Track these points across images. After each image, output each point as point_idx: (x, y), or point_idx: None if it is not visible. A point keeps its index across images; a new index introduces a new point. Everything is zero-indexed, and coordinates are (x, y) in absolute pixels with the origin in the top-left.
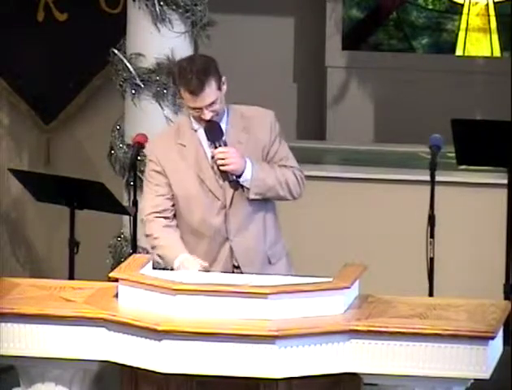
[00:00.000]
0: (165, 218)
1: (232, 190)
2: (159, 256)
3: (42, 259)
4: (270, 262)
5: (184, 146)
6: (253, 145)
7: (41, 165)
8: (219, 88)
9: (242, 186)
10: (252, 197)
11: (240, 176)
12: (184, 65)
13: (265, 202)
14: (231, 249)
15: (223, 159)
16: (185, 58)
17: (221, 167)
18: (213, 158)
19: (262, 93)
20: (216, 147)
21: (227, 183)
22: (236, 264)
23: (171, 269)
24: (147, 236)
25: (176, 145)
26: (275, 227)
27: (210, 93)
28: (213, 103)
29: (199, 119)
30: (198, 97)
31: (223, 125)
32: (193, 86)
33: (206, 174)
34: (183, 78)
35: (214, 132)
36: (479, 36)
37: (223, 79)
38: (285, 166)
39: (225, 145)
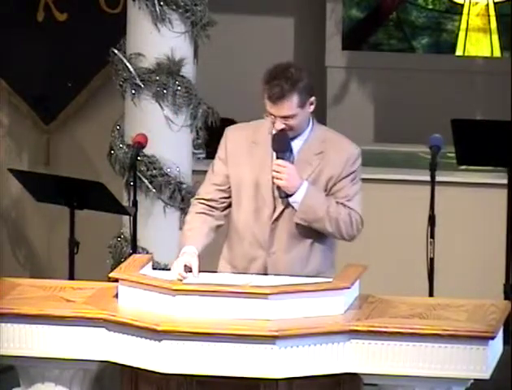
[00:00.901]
0: (209, 206)
1: (282, 206)
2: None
3: (42, 259)
4: None
5: (256, 145)
6: (322, 171)
7: (41, 165)
8: (302, 107)
9: (292, 206)
10: (296, 220)
11: (291, 196)
12: (277, 70)
13: (318, 232)
14: (265, 265)
15: (278, 172)
16: (283, 63)
17: (274, 180)
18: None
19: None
20: (279, 158)
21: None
22: None
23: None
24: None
25: (251, 140)
26: (322, 259)
27: (289, 106)
28: (288, 117)
29: (272, 125)
30: (276, 105)
31: (300, 141)
32: (274, 93)
33: (265, 179)
34: (268, 81)
35: (279, 143)
36: (479, 36)
37: (312, 99)
38: (344, 204)
39: (291, 160)
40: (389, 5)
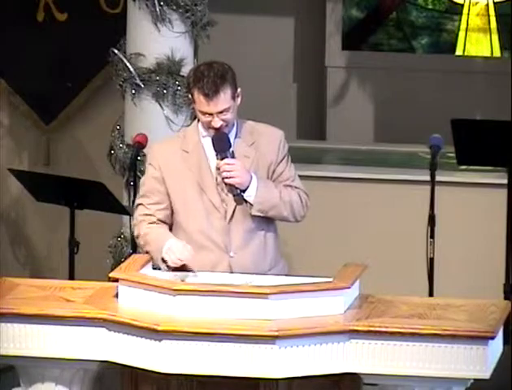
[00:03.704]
0: (158, 220)
1: (234, 204)
2: (147, 253)
3: (42, 259)
4: None
5: (188, 153)
6: (259, 161)
7: (41, 165)
8: (233, 98)
9: (245, 201)
10: (254, 213)
11: (244, 191)
12: (202, 68)
13: (266, 221)
14: (230, 266)
15: (228, 171)
16: (204, 63)
17: (226, 180)
18: (218, 169)
19: (262, 93)
20: (222, 158)
21: (229, 196)
22: None
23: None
24: (136, 237)
25: (180, 151)
26: (275, 247)
27: (225, 99)
28: (225, 111)
29: (208, 127)
30: (212, 101)
31: (231, 137)
32: (209, 89)
33: (208, 184)
34: (199, 81)
35: (221, 143)
36: (479, 36)
37: (239, 90)
38: (291, 186)
39: (232, 157)
40: (389, 5)
